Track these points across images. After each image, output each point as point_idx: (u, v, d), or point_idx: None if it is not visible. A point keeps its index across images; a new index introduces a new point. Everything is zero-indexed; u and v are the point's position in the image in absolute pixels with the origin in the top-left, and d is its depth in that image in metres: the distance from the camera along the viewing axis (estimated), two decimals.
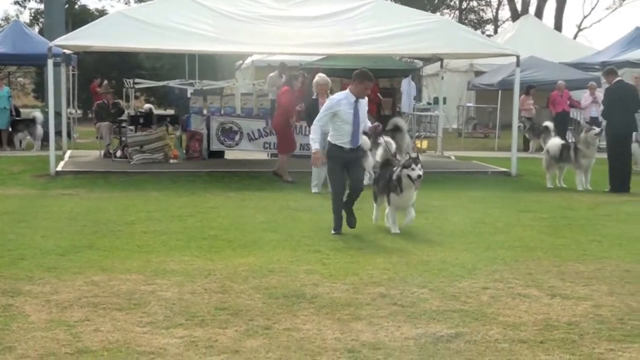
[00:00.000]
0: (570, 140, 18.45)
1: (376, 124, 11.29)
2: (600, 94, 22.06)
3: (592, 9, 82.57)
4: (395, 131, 16.39)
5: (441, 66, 23.65)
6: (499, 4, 59.88)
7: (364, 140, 16.02)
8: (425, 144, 22.88)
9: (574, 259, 9.11)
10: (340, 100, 10.66)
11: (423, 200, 12.02)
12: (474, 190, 15.08)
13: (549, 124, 22.92)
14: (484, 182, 16.64)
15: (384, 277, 8.15)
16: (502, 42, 27.84)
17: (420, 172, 10.47)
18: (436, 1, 57.57)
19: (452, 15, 59.20)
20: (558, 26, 48.08)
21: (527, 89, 24.99)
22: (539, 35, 34.13)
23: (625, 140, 15.74)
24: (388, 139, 11.87)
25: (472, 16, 61.49)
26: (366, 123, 10.89)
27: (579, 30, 59.70)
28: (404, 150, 18.12)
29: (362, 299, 7.31)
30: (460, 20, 53.76)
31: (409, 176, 10.45)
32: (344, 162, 10.69)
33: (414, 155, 10.93)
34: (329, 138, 10.84)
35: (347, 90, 10.81)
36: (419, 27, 17.86)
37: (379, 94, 20.33)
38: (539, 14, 47.83)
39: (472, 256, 9.21)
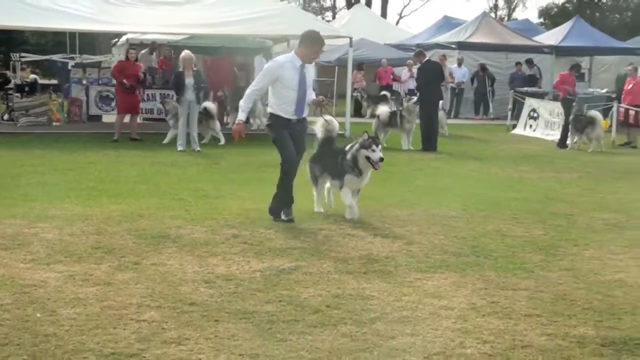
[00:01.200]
0: (396, 109, 18.91)
1: (320, 97, 8.49)
2: (416, 70, 22.62)
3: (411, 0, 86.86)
4: None
5: (288, 45, 23.42)
6: None
7: (209, 106, 16.02)
8: None
9: (393, 206, 9.30)
10: (284, 63, 8.02)
11: (267, 158, 11.86)
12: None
13: (387, 93, 23.42)
14: None
15: (237, 220, 8.14)
16: (338, 27, 28.02)
17: (381, 154, 8.10)
18: None
19: (297, 2, 59.37)
20: (384, 14, 49.35)
21: (359, 65, 25.40)
22: (369, 21, 34.61)
23: (434, 108, 16.23)
24: (329, 117, 8.72)
25: (315, 4, 62.21)
26: (312, 93, 8.28)
27: (400, 17, 61.75)
28: (256, 115, 18.14)
29: (218, 239, 7.29)
30: (305, 8, 53.68)
31: (367, 158, 8.13)
32: (290, 135, 8.18)
33: (372, 134, 8.54)
34: (269, 109, 8.29)
35: (292, 53, 8.13)
36: (271, 12, 18.19)
37: (235, 69, 20.34)
38: (368, 3, 48.88)
39: (312, 204, 9.18)
